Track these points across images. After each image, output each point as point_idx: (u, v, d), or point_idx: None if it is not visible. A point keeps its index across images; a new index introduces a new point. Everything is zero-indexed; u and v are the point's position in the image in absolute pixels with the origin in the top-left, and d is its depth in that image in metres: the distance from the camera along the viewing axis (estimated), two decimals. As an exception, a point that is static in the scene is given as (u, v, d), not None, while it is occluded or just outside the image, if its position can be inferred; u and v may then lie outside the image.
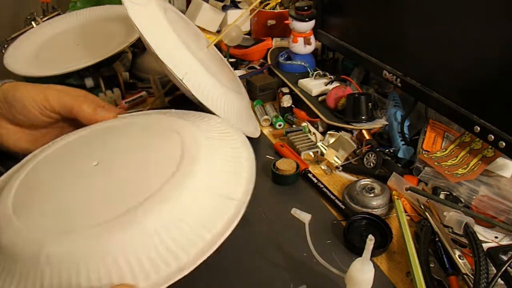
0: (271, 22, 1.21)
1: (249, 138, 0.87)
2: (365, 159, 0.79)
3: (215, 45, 1.01)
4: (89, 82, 1.03)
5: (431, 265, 0.57)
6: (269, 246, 0.63)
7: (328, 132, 0.87)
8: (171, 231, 0.46)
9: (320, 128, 0.90)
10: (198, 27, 1.12)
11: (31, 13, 1.25)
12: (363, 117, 0.84)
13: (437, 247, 0.60)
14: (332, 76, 0.99)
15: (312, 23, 1.02)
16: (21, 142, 0.74)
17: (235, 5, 1.36)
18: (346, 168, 0.80)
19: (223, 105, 0.82)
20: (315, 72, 1.01)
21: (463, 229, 0.59)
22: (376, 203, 0.69)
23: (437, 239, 0.61)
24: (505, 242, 0.62)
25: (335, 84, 0.95)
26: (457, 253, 0.58)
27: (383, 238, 0.64)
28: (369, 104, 0.84)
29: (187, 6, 1.40)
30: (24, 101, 0.70)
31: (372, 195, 0.70)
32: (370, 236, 0.47)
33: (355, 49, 0.93)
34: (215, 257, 0.62)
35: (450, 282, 0.56)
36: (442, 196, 0.69)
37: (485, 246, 0.57)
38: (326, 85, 0.97)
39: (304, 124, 0.91)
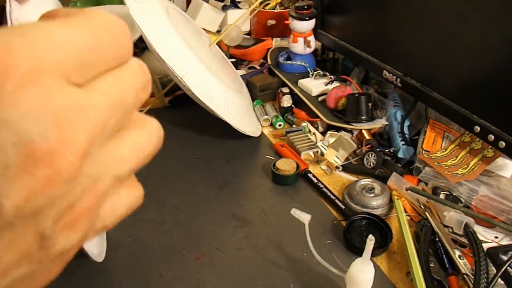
0: (271, 22, 1.21)
1: (249, 137, 0.88)
2: (365, 159, 0.79)
3: (215, 45, 1.01)
4: (89, 82, 1.03)
5: (431, 265, 0.57)
6: (269, 246, 0.63)
7: (328, 132, 0.87)
8: None
9: (320, 128, 0.90)
10: (198, 27, 1.12)
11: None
12: (363, 117, 0.84)
13: (437, 247, 0.60)
14: (332, 76, 0.99)
15: (312, 23, 1.02)
16: None
17: (235, 5, 1.36)
18: (346, 168, 0.80)
19: (224, 104, 0.82)
20: (315, 72, 1.01)
21: (463, 229, 0.59)
22: (376, 203, 0.69)
23: (437, 239, 0.61)
24: (505, 242, 0.62)
25: (335, 84, 0.95)
26: (457, 253, 0.58)
27: (383, 238, 0.64)
28: (369, 104, 0.84)
29: (187, 6, 1.40)
30: None
31: (372, 195, 0.70)
32: (370, 236, 0.47)
33: (355, 49, 0.93)
34: (216, 257, 0.62)
35: (450, 282, 0.56)
36: (442, 196, 0.69)
37: (485, 246, 0.57)
38: (326, 85, 0.97)
39: (304, 124, 0.91)
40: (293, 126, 0.93)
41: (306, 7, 1.00)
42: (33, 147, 0.13)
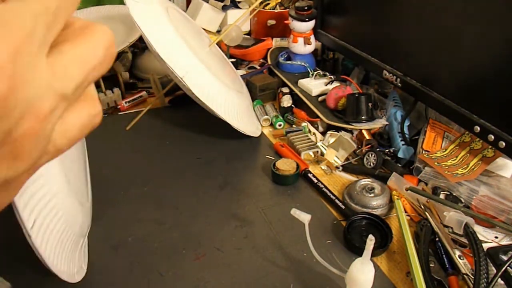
0: (271, 22, 1.21)
1: (249, 137, 0.88)
2: (365, 159, 0.79)
3: (215, 45, 1.01)
4: (89, 82, 1.03)
5: (431, 265, 0.57)
6: (269, 246, 0.63)
7: (328, 132, 0.87)
8: None
9: (320, 128, 0.90)
10: (198, 27, 1.12)
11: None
12: (363, 117, 0.84)
13: (437, 247, 0.60)
14: (332, 76, 0.99)
15: (312, 23, 1.02)
16: None
17: (235, 5, 1.36)
18: (346, 168, 0.80)
19: (224, 104, 0.82)
20: (315, 72, 1.01)
21: (463, 229, 0.59)
22: (376, 203, 0.69)
23: (437, 239, 0.61)
24: (505, 242, 0.62)
25: (335, 84, 0.95)
26: (457, 253, 0.58)
27: (383, 238, 0.64)
28: (369, 104, 0.84)
29: (187, 6, 1.40)
30: None
31: (372, 195, 0.70)
32: (370, 236, 0.47)
33: (355, 49, 0.93)
34: (216, 257, 0.62)
35: (450, 282, 0.56)
36: (442, 196, 0.69)
37: (485, 246, 0.57)
38: (326, 85, 0.97)
39: (304, 124, 0.91)
40: (293, 126, 0.93)
41: (306, 8, 1.00)
42: None
